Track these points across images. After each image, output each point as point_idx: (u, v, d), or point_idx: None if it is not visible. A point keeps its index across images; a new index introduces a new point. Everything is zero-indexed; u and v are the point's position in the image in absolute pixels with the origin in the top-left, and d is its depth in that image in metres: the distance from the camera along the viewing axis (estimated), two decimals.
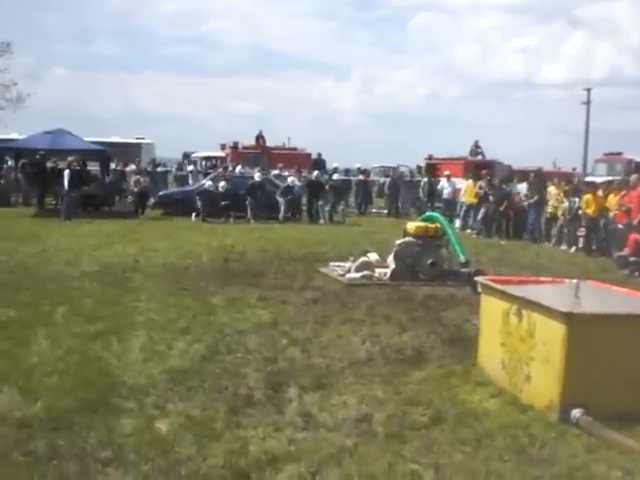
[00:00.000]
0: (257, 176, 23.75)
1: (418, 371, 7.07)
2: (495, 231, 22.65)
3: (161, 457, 4.83)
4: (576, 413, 5.62)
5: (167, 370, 6.74)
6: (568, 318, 5.68)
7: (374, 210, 30.66)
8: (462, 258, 12.67)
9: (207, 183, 25.01)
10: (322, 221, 24.03)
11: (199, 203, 23.46)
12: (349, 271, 12.55)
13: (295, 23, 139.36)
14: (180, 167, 37.86)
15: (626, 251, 15.38)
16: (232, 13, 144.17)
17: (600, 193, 19.10)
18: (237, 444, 5.10)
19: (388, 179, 31.78)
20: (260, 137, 37.67)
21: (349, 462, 4.87)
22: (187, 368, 6.84)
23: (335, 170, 31.87)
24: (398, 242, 12.96)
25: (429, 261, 12.61)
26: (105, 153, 26.58)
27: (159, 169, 34.15)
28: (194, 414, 5.65)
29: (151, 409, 5.76)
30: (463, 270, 12.39)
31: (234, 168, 31.62)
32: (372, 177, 35.92)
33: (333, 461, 4.88)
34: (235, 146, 37.80)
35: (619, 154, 33.38)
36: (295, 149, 39.08)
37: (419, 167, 36.14)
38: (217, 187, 24.04)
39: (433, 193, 28.00)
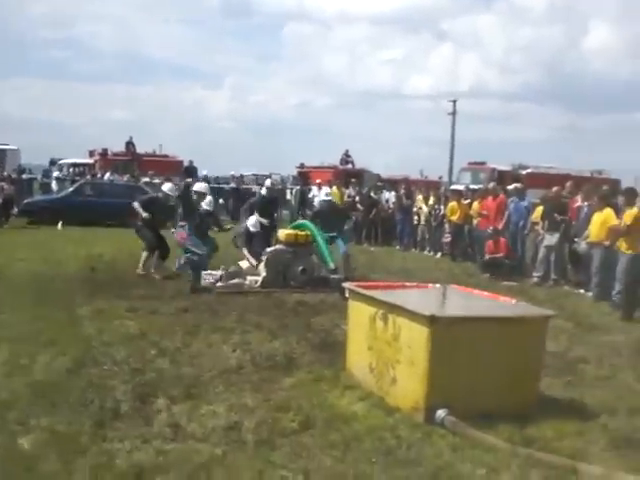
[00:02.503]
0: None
1: (288, 377, 7.12)
2: (365, 238, 23.08)
3: (24, 474, 4.66)
4: (441, 413, 5.78)
5: (31, 384, 6.49)
6: (431, 321, 5.85)
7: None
8: (331, 265, 12.84)
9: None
10: None
11: None
12: (220, 279, 12.49)
13: (167, 30, 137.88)
14: (46, 174, 36.60)
15: (486, 255, 16.01)
16: (103, 18, 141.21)
17: (464, 201, 19.81)
18: (103, 458, 4.98)
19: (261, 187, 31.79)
20: (130, 144, 36.90)
21: (218, 471, 4.84)
22: (52, 382, 6.61)
23: (205, 177, 31.62)
24: (269, 250, 13.01)
25: (299, 268, 12.71)
26: None
27: (24, 176, 32.96)
28: (59, 429, 5.46)
29: (13, 425, 5.54)
30: (333, 277, 12.55)
31: (103, 175, 30.87)
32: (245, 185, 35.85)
33: (202, 471, 4.84)
34: (104, 153, 36.88)
35: (483, 163, 34.65)
36: (166, 156, 38.50)
37: (294, 176, 36.39)
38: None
39: (304, 201, 28.25)
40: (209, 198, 14.02)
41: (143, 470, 4.79)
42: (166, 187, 14.01)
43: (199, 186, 14.59)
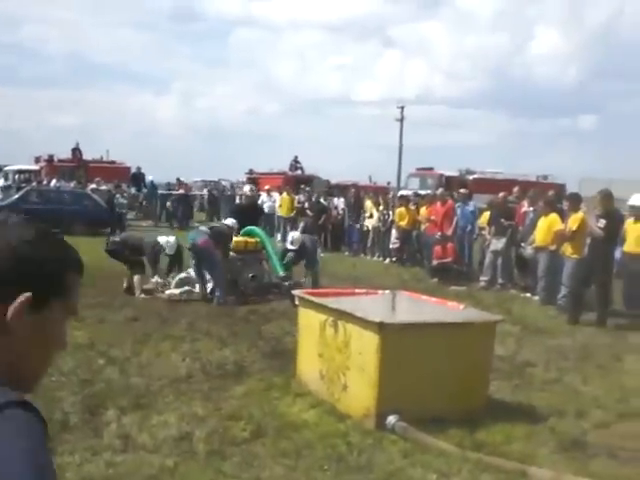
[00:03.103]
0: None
1: (239, 386, 7.10)
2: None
3: None
4: (391, 419, 5.83)
5: None
6: (381, 328, 5.89)
7: (196, 224, 30.45)
8: (281, 272, 12.82)
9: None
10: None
11: None
12: (169, 287, 12.38)
13: (115, 34, 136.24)
14: None
15: (434, 260, 16.16)
16: (50, 21, 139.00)
17: (412, 206, 19.96)
18: None
19: (206, 193, 31.71)
20: (77, 150, 36.39)
21: None
22: None
23: (152, 183, 31.38)
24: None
25: (250, 275, 12.68)
26: None
27: None
28: None
29: None
30: (283, 283, 12.54)
31: (49, 182, 30.40)
32: (193, 191, 35.66)
33: None
34: (50, 159, 36.31)
35: (430, 169, 34.97)
36: (114, 162, 38.09)
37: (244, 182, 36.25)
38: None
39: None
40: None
41: None
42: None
43: None
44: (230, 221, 13.33)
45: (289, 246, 13.30)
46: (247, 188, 15.50)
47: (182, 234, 16.95)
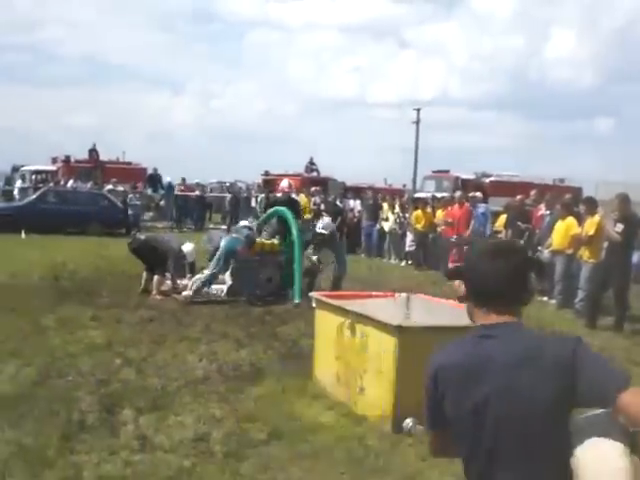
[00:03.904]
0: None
1: (255, 387, 7.11)
2: None
3: None
4: (409, 422, 5.83)
5: None
6: (399, 331, 5.88)
7: (211, 226, 30.53)
8: (297, 299, 12.58)
9: None
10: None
11: None
12: (185, 288, 12.39)
13: (131, 35, 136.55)
14: (8, 181, 36.08)
15: (450, 263, 16.12)
16: (67, 22, 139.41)
17: (429, 209, 19.95)
18: (71, 471, 4.94)
19: (228, 195, 31.68)
20: (93, 150, 36.49)
21: None
22: (17, 394, 6.53)
23: (169, 185, 31.47)
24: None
25: (266, 277, 12.67)
26: None
27: None
28: (25, 442, 5.40)
29: None
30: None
31: (66, 182, 30.54)
32: (210, 193, 35.73)
33: None
34: (67, 160, 36.42)
35: (446, 171, 34.80)
36: (130, 163, 38.20)
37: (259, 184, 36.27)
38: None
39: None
40: None
41: None
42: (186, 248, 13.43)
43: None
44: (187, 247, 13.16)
45: (320, 230, 13.25)
46: (285, 184, 15.10)
47: (197, 236, 17.01)
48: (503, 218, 16.19)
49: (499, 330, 2.29)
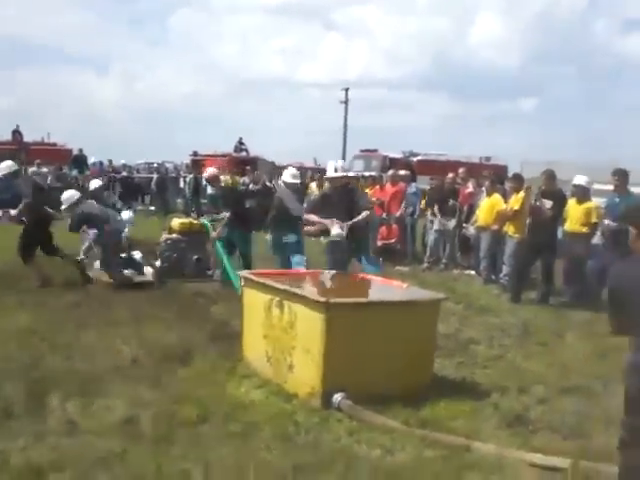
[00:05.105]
0: None
1: (185, 369, 7.06)
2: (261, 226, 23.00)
3: None
4: (337, 397, 5.87)
5: None
6: (326, 307, 5.92)
7: (139, 207, 30.09)
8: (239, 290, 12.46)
9: None
10: None
11: None
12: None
13: (51, 14, 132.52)
14: None
15: (379, 241, 16.24)
16: None
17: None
18: None
19: (155, 175, 31.23)
20: (17, 132, 35.61)
21: (117, 466, 4.78)
22: None
23: (94, 164, 30.89)
24: (162, 239, 12.80)
25: (194, 257, 12.59)
26: None
27: None
28: None
29: None
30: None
31: None
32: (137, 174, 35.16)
33: (101, 466, 4.76)
34: None
35: (375, 151, 35.12)
36: (55, 144, 37.35)
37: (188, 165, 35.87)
38: None
39: (198, 190, 27.91)
40: None
41: (39, 468, 4.68)
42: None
43: None
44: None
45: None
46: (213, 171, 13.33)
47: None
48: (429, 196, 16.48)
49: None
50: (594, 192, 12.51)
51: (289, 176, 11.77)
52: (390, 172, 19.28)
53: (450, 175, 16.46)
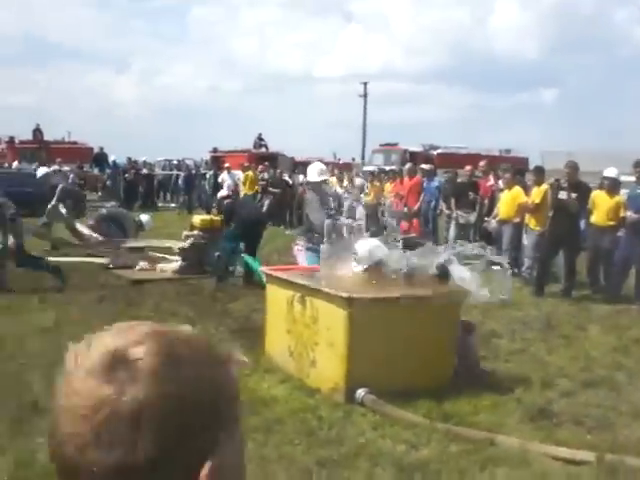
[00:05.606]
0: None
1: None
2: (280, 221, 23.07)
3: None
4: (360, 392, 5.88)
5: None
6: (349, 302, 5.92)
7: (159, 204, 30.23)
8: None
9: None
10: None
11: None
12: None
13: (69, 13, 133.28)
14: None
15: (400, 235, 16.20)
16: (2, 1, 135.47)
17: (377, 182, 20.02)
18: (24, 455, 4.88)
19: (182, 173, 31.21)
20: (38, 131, 35.88)
21: None
22: None
23: (114, 163, 31.04)
24: (183, 236, 12.85)
25: (216, 254, 12.60)
26: None
27: None
28: None
29: None
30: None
31: (10, 164, 29.95)
32: (158, 171, 35.28)
33: None
34: (11, 141, 35.73)
35: (395, 144, 35.01)
36: (76, 143, 37.58)
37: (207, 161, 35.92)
38: None
39: (218, 186, 27.95)
40: None
41: None
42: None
43: None
44: None
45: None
46: (318, 167, 10.65)
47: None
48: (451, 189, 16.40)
49: None
50: None
51: (315, 173, 10.36)
52: (407, 165, 19.22)
53: (467, 168, 16.35)
